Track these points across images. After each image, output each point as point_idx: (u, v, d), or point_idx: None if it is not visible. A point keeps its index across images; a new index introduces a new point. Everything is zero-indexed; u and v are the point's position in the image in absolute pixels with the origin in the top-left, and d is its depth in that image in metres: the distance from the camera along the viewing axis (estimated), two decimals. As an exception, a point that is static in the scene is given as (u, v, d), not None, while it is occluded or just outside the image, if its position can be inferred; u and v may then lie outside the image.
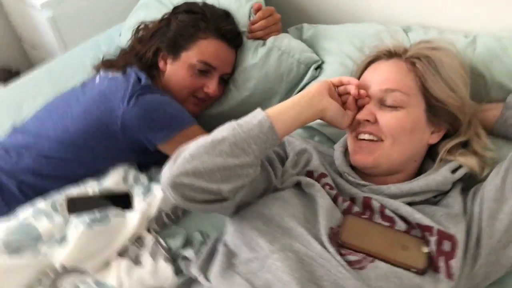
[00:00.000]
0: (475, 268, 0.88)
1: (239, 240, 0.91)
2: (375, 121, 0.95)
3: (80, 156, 1.17)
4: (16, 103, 1.56)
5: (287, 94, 1.31)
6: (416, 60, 0.97)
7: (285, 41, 1.31)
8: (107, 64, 1.36)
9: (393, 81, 0.96)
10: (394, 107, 0.94)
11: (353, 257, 0.84)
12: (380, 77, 0.98)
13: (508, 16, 1.13)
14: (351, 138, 1.01)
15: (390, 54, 1.01)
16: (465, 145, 1.01)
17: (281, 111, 0.91)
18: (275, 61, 1.29)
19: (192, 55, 1.24)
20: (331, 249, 0.83)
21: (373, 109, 0.96)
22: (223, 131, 0.86)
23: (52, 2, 1.99)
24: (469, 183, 1.00)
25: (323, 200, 0.90)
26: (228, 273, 0.84)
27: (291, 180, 0.97)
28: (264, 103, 1.31)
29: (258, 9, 1.34)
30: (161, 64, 1.29)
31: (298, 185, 0.98)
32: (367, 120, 0.95)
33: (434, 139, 0.99)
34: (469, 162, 0.97)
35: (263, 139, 0.84)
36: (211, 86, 1.26)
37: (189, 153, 0.83)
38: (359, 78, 1.05)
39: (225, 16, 1.32)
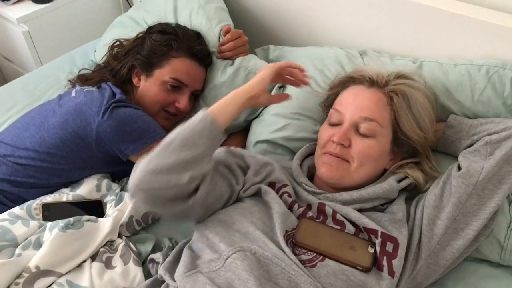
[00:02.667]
0: (417, 268, 0.98)
1: (203, 244, 0.98)
2: (348, 146, 1.04)
3: (55, 165, 1.21)
4: None
5: (253, 110, 1.39)
6: (394, 96, 1.06)
7: (252, 62, 1.39)
8: (82, 79, 1.41)
9: (372, 111, 1.05)
10: (366, 136, 1.04)
11: (305, 256, 0.93)
12: (361, 104, 1.06)
13: (450, 45, 1.25)
14: (320, 152, 1.09)
15: (372, 83, 1.10)
16: (416, 163, 1.12)
17: (222, 106, 1.02)
18: (242, 79, 1.37)
19: (164, 73, 1.31)
20: (286, 249, 0.91)
21: (349, 134, 1.05)
22: (173, 133, 0.96)
23: (28, 16, 2.01)
24: (413, 194, 1.11)
25: (278, 206, 0.99)
26: (192, 273, 0.89)
27: (252, 188, 1.06)
28: (231, 118, 1.40)
29: (227, 31, 1.42)
30: (135, 80, 1.36)
31: (257, 194, 1.07)
32: (341, 144, 1.04)
33: (390, 165, 1.10)
34: (415, 174, 1.08)
35: (207, 132, 0.96)
36: (182, 101, 1.33)
37: (148, 157, 0.93)
38: (336, 92, 1.15)
39: (196, 36, 1.39)
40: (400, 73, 1.13)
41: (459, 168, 1.02)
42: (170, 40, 1.33)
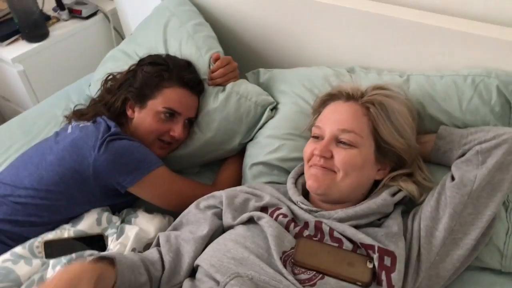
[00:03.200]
0: (418, 281, 0.98)
1: (200, 274, 0.99)
2: (331, 157, 1.06)
3: (54, 202, 1.21)
4: None
5: (247, 133, 1.41)
6: (370, 106, 1.09)
7: (243, 86, 1.42)
8: (78, 114, 1.42)
9: (349, 122, 1.07)
10: (348, 146, 1.06)
11: (305, 276, 0.93)
12: (339, 117, 1.09)
13: (435, 57, 1.27)
14: (307, 167, 1.12)
15: (349, 96, 1.13)
16: (409, 175, 1.13)
17: None
18: (234, 104, 1.39)
19: (157, 103, 1.33)
20: (283, 270, 0.92)
21: (330, 146, 1.07)
22: None
23: (22, 56, 2.06)
24: (410, 206, 1.11)
25: (271, 230, 1.00)
26: None
27: (242, 216, 1.08)
28: (226, 143, 1.42)
29: (216, 59, 1.45)
30: (129, 112, 1.37)
31: (250, 221, 1.08)
32: (323, 156, 1.07)
33: (380, 175, 1.12)
34: (408, 187, 1.09)
35: None
36: (177, 129, 1.35)
37: None
38: (318, 111, 1.18)
39: (187, 65, 1.42)
40: (377, 85, 1.16)
41: (453, 178, 1.04)
42: (161, 71, 1.35)
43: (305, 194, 1.16)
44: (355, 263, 0.95)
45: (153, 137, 1.35)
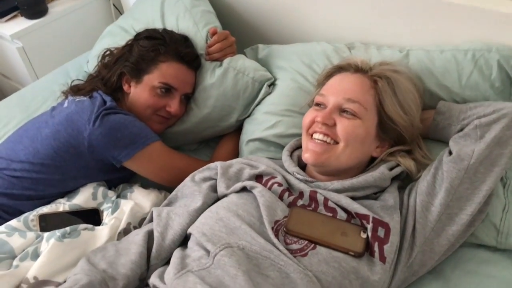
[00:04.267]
0: (412, 256, 0.98)
1: (191, 242, 0.99)
2: (333, 125, 1.05)
3: (50, 176, 1.22)
4: None
5: (245, 110, 1.40)
6: (378, 79, 1.07)
7: (240, 62, 1.40)
8: (74, 89, 1.42)
9: (355, 93, 1.06)
10: (352, 115, 1.04)
11: (296, 246, 0.93)
12: (345, 87, 1.08)
13: (435, 32, 1.25)
14: (305, 137, 1.11)
15: (357, 69, 1.12)
16: (408, 152, 1.12)
17: None
18: (232, 80, 1.37)
19: (153, 78, 1.32)
20: (275, 240, 0.91)
21: (333, 114, 1.06)
22: None
23: (21, 33, 2.04)
24: (406, 183, 1.10)
25: (263, 199, 1.00)
26: (182, 273, 0.89)
27: (236, 185, 1.07)
28: (223, 119, 1.41)
29: (213, 33, 1.42)
30: (125, 87, 1.36)
31: (244, 190, 1.07)
32: (326, 124, 1.05)
33: (377, 153, 1.10)
34: (406, 162, 1.08)
35: None
36: (173, 105, 1.34)
37: None
38: (323, 83, 1.16)
39: (184, 40, 1.40)
40: (386, 62, 1.15)
41: (450, 153, 1.02)
42: (157, 45, 1.34)
43: (301, 167, 1.15)
44: (349, 232, 0.95)
45: (149, 112, 1.34)
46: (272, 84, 1.40)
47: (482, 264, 1.05)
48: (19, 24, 2.07)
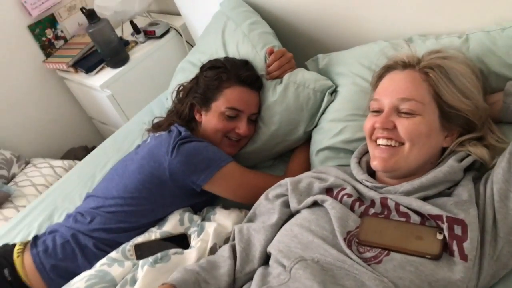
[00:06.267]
0: (498, 248, 0.92)
1: (271, 261, 1.03)
2: (393, 128, 1.04)
3: (140, 207, 1.33)
4: (90, 174, 1.77)
5: (310, 121, 1.42)
6: (429, 70, 1.04)
7: (299, 75, 1.43)
8: (155, 126, 1.56)
9: (408, 90, 1.04)
10: (410, 114, 1.02)
11: (370, 254, 0.93)
12: (397, 87, 1.06)
13: (495, 8, 1.19)
14: (370, 144, 1.10)
15: (405, 65, 1.09)
16: (480, 139, 1.07)
17: None
18: (293, 94, 1.41)
19: (220, 104, 1.40)
20: (347, 251, 0.92)
21: (391, 117, 1.04)
22: None
23: (109, 82, 2.26)
24: (483, 172, 1.05)
25: (334, 211, 1.01)
26: None
27: (307, 200, 1.09)
28: (291, 133, 1.44)
29: (271, 53, 1.48)
30: (197, 116, 1.46)
31: (315, 204, 1.09)
32: (386, 128, 1.04)
33: (448, 142, 1.06)
34: (477, 151, 1.03)
35: None
36: (242, 127, 1.41)
37: None
38: (376, 85, 1.15)
39: (244, 64, 1.47)
40: (434, 50, 1.11)
41: (525, 135, 0.96)
42: (219, 73, 1.42)
43: (371, 172, 1.14)
44: (424, 235, 0.92)
45: (220, 136, 1.42)
46: (334, 92, 1.41)
47: None
48: (106, 74, 2.30)
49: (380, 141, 1.06)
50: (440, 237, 0.91)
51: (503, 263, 0.94)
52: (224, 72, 1.42)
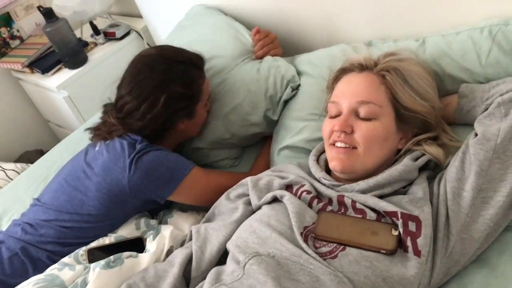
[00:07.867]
0: (450, 245, 0.94)
1: (228, 258, 1.01)
2: (351, 132, 1.04)
3: (99, 224, 1.26)
4: (42, 177, 1.69)
5: (272, 106, 1.43)
6: (386, 73, 1.06)
7: (280, 61, 1.46)
8: (103, 134, 1.34)
9: (367, 93, 1.05)
10: (368, 119, 1.03)
11: (325, 249, 0.92)
12: (355, 89, 1.07)
13: (450, 14, 1.22)
14: (327, 146, 1.10)
15: (362, 67, 1.10)
16: (435, 139, 1.09)
17: None
18: (265, 72, 1.43)
19: (203, 101, 1.37)
20: (303, 245, 0.91)
21: (350, 120, 1.05)
22: None
23: (66, 83, 2.18)
24: (437, 171, 1.06)
25: (292, 206, 1.00)
26: (216, 287, 0.90)
27: (266, 196, 1.08)
28: (252, 112, 1.43)
29: (256, 33, 1.52)
30: (180, 126, 1.35)
31: (275, 200, 1.08)
32: (344, 131, 1.04)
33: (402, 144, 1.08)
34: (432, 150, 1.05)
35: None
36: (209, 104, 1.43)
37: None
38: (332, 88, 1.15)
39: (196, 54, 1.38)
40: (388, 53, 1.12)
41: (476, 135, 0.98)
42: (193, 76, 1.34)
43: (329, 170, 1.14)
44: (379, 231, 0.93)
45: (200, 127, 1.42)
46: (297, 89, 1.42)
47: (531, 248, 0.98)
48: (64, 75, 2.23)
49: (337, 144, 1.06)
50: (395, 233, 0.92)
51: (455, 260, 0.95)
52: (195, 70, 1.35)
